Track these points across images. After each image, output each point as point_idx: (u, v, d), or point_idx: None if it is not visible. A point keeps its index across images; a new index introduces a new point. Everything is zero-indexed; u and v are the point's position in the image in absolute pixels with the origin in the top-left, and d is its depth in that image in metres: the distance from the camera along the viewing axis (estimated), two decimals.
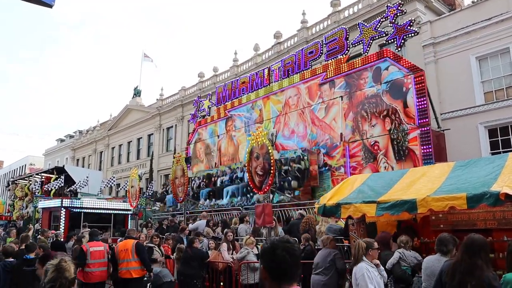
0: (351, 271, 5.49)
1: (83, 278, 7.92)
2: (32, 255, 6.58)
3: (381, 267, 5.14)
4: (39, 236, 11.63)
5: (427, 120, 11.15)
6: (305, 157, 13.55)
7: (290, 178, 13.57)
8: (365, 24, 13.44)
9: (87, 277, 7.97)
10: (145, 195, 23.16)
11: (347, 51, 13.67)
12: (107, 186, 27.13)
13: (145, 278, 8.32)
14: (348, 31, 13.88)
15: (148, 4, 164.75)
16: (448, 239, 4.96)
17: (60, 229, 16.17)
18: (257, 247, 9.50)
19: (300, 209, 13.42)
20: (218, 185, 17.00)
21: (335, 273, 6.89)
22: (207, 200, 17.33)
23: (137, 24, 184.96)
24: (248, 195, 14.94)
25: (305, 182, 13.35)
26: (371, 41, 12.87)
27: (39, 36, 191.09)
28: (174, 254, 9.56)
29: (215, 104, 19.54)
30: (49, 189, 25.66)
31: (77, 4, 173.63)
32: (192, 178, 18.61)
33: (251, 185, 11.92)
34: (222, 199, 16.26)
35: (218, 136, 18.71)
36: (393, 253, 5.97)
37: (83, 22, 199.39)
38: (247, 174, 12.08)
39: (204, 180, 18.06)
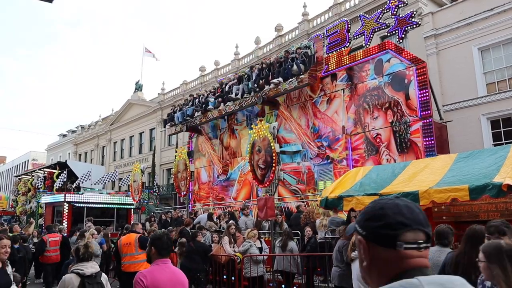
0: None
1: (44, 260, 11.15)
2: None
3: None
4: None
5: (429, 112, 11.11)
6: (311, 46, 14.16)
7: (298, 62, 13.85)
8: (367, 16, 13.36)
9: (47, 259, 11.11)
10: (149, 190, 23.23)
11: (348, 44, 13.60)
12: (109, 181, 27.19)
13: None
14: (349, 23, 13.79)
15: None
16: (447, 231, 4.95)
17: (64, 224, 16.22)
18: (260, 240, 9.54)
19: (301, 201, 13.48)
20: (227, 89, 17.21)
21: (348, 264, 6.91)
22: (220, 105, 17.44)
23: (137, 18, 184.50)
24: (258, 93, 15.42)
25: (311, 66, 13.86)
26: (372, 33, 12.79)
27: (37, 34, 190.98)
28: (176, 248, 9.58)
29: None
30: (53, 186, 25.76)
31: (73, 0, 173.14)
32: (199, 95, 19.26)
33: (253, 178, 11.93)
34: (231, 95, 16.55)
35: (220, 130, 18.70)
36: None
37: (81, 18, 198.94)
38: (249, 167, 12.10)
39: (212, 90, 18.69)
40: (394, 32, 12.17)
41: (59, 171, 26.78)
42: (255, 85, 15.46)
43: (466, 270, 3.87)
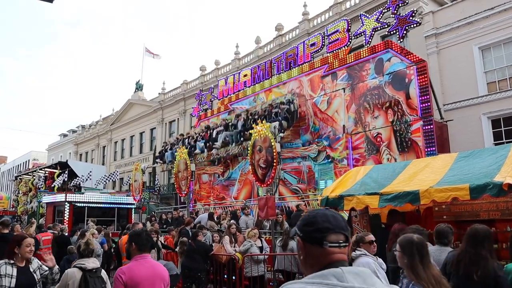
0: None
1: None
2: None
3: (380, 260, 5.10)
4: (49, 231, 11.76)
5: (429, 111, 11.11)
6: (294, 100, 14.28)
7: (280, 118, 13.89)
8: (367, 15, 13.36)
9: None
10: (155, 188, 23.22)
11: (349, 43, 13.61)
12: (109, 180, 27.20)
13: None
14: (350, 22, 13.80)
15: None
16: (447, 230, 4.95)
17: (65, 223, 16.23)
18: (261, 240, 9.54)
19: (301, 200, 13.47)
20: (214, 136, 17.22)
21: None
22: (205, 151, 17.59)
23: (137, 18, 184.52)
24: (243, 143, 15.39)
25: (294, 122, 14.18)
26: (373, 33, 12.79)
27: (37, 34, 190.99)
28: (177, 247, 9.59)
29: (217, 98, 19.52)
30: (53, 185, 25.77)
31: (74, 0, 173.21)
32: (188, 135, 19.32)
33: (253, 177, 11.93)
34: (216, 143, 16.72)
35: None
36: None
37: (81, 18, 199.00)
38: (250, 167, 12.09)
39: (201, 133, 18.40)
40: (394, 31, 12.18)
41: (60, 171, 26.79)
42: (240, 135, 15.66)
43: (467, 268, 3.88)
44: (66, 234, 12.84)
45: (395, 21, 12.09)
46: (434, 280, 3.00)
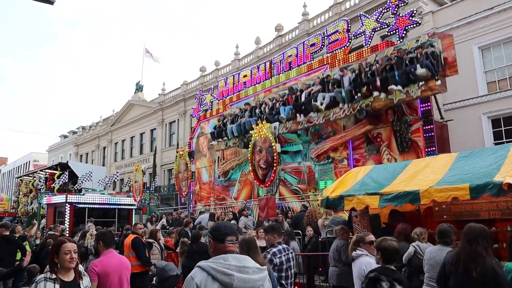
0: None
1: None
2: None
3: None
4: (50, 232, 11.72)
5: (429, 111, 11.12)
6: (435, 43, 10.87)
7: (416, 66, 10.82)
8: (367, 15, 13.37)
9: None
10: (149, 190, 23.24)
11: (348, 43, 13.62)
12: (110, 182, 27.21)
13: (150, 273, 8.37)
14: (349, 23, 13.81)
15: None
16: (449, 230, 4.96)
17: (65, 224, 16.25)
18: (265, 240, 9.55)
19: (303, 201, 13.48)
20: (303, 99, 13.86)
21: (347, 263, 6.90)
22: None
23: (137, 18, 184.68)
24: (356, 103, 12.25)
25: (439, 71, 10.77)
26: (372, 33, 12.80)
27: (37, 34, 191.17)
28: (178, 248, 9.59)
29: (217, 98, 19.53)
30: (54, 186, 25.77)
31: (73, 0, 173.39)
32: (259, 103, 15.90)
33: (254, 178, 11.93)
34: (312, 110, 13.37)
35: None
36: (408, 245, 5.86)
37: (81, 18, 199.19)
38: (250, 167, 12.11)
39: (279, 98, 14.94)
40: (394, 31, 12.18)
41: (60, 172, 26.80)
42: (355, 93, 12.17)
43: (466, 265, 3.90)
44: (67, 234, 12.86)
45: (394, 21, 12.10)
46: None
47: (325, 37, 14.33)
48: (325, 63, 14.20)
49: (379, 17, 12.67)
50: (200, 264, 2.62)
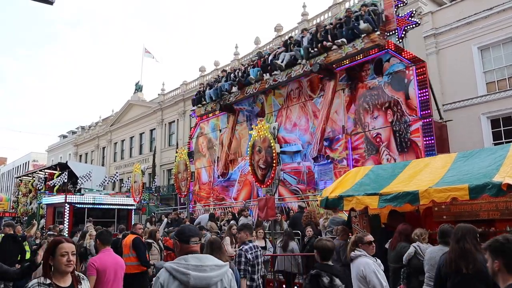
0: None
1: None
2: None
3: (379, 261, 5.12)
4: (49, 232, 11.71)
5: (429, 111, 11.13)
6: (378, 3, 12.34)
7: (359, 22, 12.19)
8: None
9: None
10: (148, 190, 23.24)
11: None
12: (110, 182, 27.21)
13: (152, 273, 8.36)
14: None
15: None
16: (450, 230, 4.96)
17: (65, 224, 16.24)
18: (265, 240, 9.59)
19: (300, 201, 13.48)
20: (269, 60, 15.56)
21: (346, 264, 6.89)
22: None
23: (137, 18, 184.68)
24: (313, 58, 13.75)
25: (380, 25, 12.05)
26: None
27: (37, 34, 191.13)
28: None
29: None
30: (53, 185, 25.75)
31: (73, 0, 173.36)
32: (234, 69, 18.03)
33: (253, 178, 11.93)
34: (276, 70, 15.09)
35: (220, 130, 18.71)
36: (408, 246, 5.86)
37: (81, 18, 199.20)
38: (250, 168, 12.10)
39: (250, 63, 17.18)
40: (393, 31, 12.18)
41: (60, 172, 26.78)
42: (312, 50, 13.55)
43: (456, 264, 4.00)
44: (66, 234, 12.85)
45: (394, 21, 12.10)
46: None
47: None
48: None
49: None
50: (165, 265, 2.96)
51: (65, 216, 17.22)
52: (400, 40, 12.17)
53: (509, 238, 2.56)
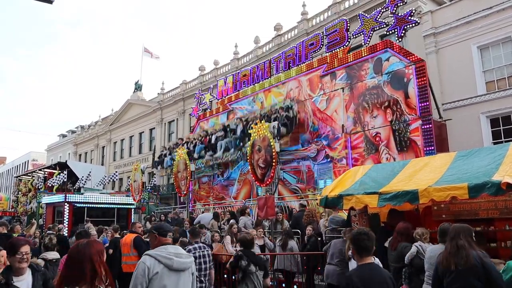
0: None
1: None
2: None
3: (377, 259, 5.14)
4: (48, 232, 11.70)
5: (428, 110, 11.12)
6: (293, 106, 14.15)
7: (279, 124, 13.94)
8: (366, 15, 13.37)
9: None
10: (147, 188, 23.22)
11: (347, 43, 13.62)
12: (109, 181, 27.20)
13: None
14: (348, 22, 13.81)
15: None
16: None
17: (64, 224, 16.24)
18: (264, 238, 9.59)
19: (300, 200, 13.48)
20: (213, 141, 17.34)
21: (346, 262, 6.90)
22: (205, 157, 17.81)
23: (136, 18, 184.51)
24: (242, 149, 15.72)
25: (293, 129, 14.09)
26: (371, 32, 12.81)
27: (36, 33, 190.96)
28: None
29: (216, 98, 19.52)
30: (52, 185, 25.75)
31: (74, 0, 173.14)
32: (188, 140, 19.50)
33: (253, 177, 11.92)
34: (216, 152, 17.06)
35: None
36: (409, 245, 5.86)
37: (80, 18, 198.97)
38: (249, 167, 12.10)
39: (199, 138, 18.53)
40: (393, 31, 12.19)
41: (59, 171, 26.78)
42: (240, 141, 15.80)
43: (449, 261, 4.08)
44: (66, 234, 12.86)
45: (393, 20, 12.10)
46: None
47: (324, 37, 14.33)
48: (324, 62, 14.20)
49: (378, 17, 12.68)
50: (148, 253, 3.70)
51: (65, 215, 17.22)
52: (400, 39, 12.16)
53: (361, 231, 3.65)
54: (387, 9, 12.30)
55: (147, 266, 3.54)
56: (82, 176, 24.75)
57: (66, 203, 17.37)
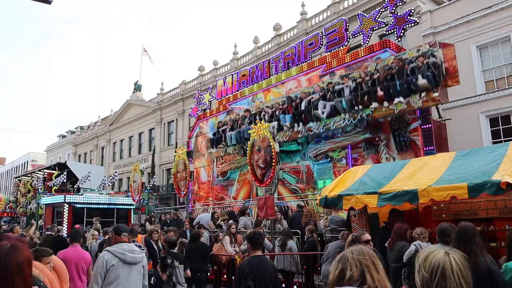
0: None
1: None
2: None
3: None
4: (47, 232, 11.66)
5: (428, 110, 11.11)
6: (436, 52, 10.48)
7: (417, 76, 10.58)
8: (365, 14, 13.36)
9: None
10: (147, 189, 23.19)
11: (347, 42, 13.61)
12: (110, 183, 27.16)
13: (149, 272, 8.36)
14: (347, 22, 13.80)
15: None
16: (450, 229, 4.96)
17: (64, 225, 16.23)
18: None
19: (299, 200, 13.47)
20: (303, 107, 13.72)
21: None
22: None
23: (136, 18, 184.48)
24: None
25: (441, 81, 10.33)
26: (371, 32, 12.80)
27: (36, 32, 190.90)
28: (176, 248, 9.57)
29: (215, 98, 19.50)
30: (52, 186, 25.71)
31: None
32: (259, 110, 15.74)
33: (252, 178, 11.92)
34: (310, 121, 13.41)
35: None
36: (409, 244, 5.86)
37: (81, 17, 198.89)
38: (249, 167, 12.09)
39: (279, 107, 14.74)
40: (392, 30, 12.18)
41: (59, 172, 26.74)
42: (355, 102, 12.04)
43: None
44: (65, 234, 12.83)
45: (393, 20, 12.09)
46: None
47: (323, 36, 14.32)
48: (323, 62, 14.18)
49: (377, 16, 12.67)
50: (107, 249, 4.56)
51: (64, 216, 17.19)
52: (399, 39, 12.16)
53: (256, 232, 4.77)
54: (386, 8, 12.30)
55: (106, 260, 4.39)
56: (82, 177, 24.70)
57: (65, 204, 17.34)
